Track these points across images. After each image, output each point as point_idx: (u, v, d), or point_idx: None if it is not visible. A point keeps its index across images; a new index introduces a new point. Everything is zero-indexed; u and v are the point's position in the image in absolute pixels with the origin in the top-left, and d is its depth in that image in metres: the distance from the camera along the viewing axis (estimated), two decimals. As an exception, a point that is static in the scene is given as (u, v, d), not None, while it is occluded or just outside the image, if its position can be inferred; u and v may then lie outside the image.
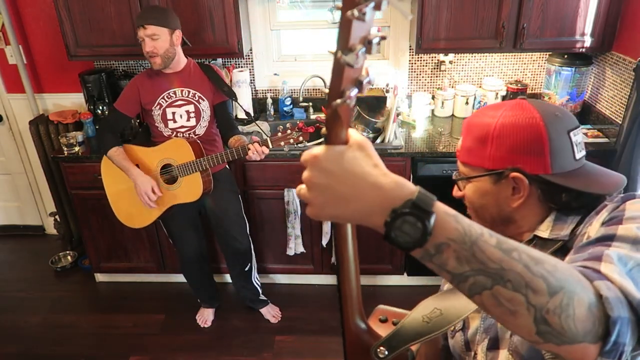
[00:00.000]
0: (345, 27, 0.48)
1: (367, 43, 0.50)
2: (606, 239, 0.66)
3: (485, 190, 0.86)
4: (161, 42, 2.12)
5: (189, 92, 2.28)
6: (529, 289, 0.51)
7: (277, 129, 2.06)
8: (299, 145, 2.06)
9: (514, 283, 0.51)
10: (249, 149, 2.06)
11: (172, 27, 2.15)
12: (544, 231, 0.84)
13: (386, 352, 0.70)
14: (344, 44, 0.48)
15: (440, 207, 0.53)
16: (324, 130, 0.55)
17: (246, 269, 2.58)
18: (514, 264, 0.52)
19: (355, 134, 0.57)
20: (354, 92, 0.52)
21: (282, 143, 2.03)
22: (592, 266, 0.59)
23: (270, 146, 2.05)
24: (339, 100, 0.51)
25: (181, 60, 2.27)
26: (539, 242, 0.85)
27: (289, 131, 2.03)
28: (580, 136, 0.84)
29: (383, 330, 0.76)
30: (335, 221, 0.58)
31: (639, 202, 0.73)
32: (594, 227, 0.73)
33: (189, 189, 2.25)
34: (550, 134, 0.80)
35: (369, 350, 0.71)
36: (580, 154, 0.83)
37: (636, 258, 0.62)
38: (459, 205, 0.95)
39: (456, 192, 0.93)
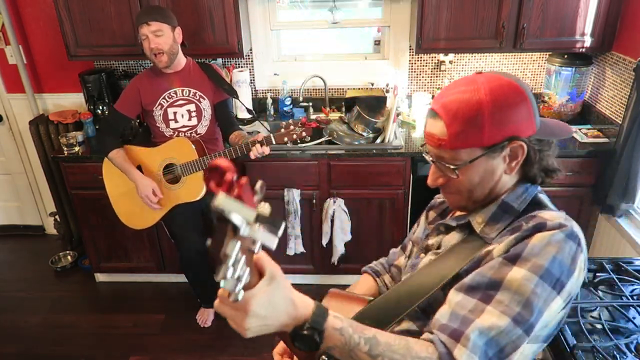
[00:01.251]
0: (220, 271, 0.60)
1: (252, 244, 0.64)
2: (493, 286, 0.76)
3: (483, 168, 0.85)
4: (165, 38, 2.13)
5: (189, 91, 2.28)
6: None
7: (280, 125, 2.06)
8: (302, 142, 2.06)
9: None
10: (251, 150, 2.06)
11: (173, 24, 2.18)
12: (478, 223, 0.90)
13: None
14: (221, 275, 0.60)
15: (330, 323, 0.74)
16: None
17: None
18: None
19: (268, 263, 0.71)
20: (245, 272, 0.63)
21: (286, 139, 2.04)
22: (450, 347, 0.74)
23: (274, 142, 2.05)
24: (231, 299, 0.64)
25: (181, 60, 2.28)
26: (468, 234, 0.92)
27: (292, 127, 2.03)
28: None
29: None
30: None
31: (545, 237, 0.76)
32: (499, 248, 0.81)
33: (192, 188, 2.25)
34: (529, 96, 0.83)
35: None
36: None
37: (499, 326, 0.73)
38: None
39: (436, 182, 0.92)
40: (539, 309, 0.74)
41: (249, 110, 2.57)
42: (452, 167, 0.86)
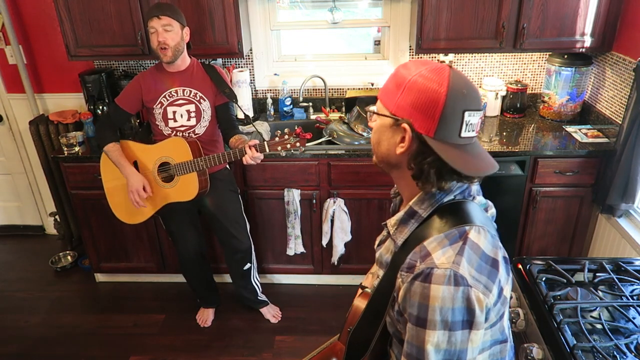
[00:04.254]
0: None
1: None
2: (421, 354, 0.85)
3: (385, 129, 0.96)
4: (173, 34, 2.15)
5: (190, 91, 2.28)
6: None
7: (275, 134, 2.05)
8: (296, 151, 2.06)
9: None
10: (245, 153, 2.06)
11: (183, 23, 2.20)
12: (392, 225, 1.01)
13: None
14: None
15: None
16: None
17: (244, 268, 2.58)
18: None
19: None
20: None
21: (279, 148, 2.04)
22: None
23: (267, 150, 2.06)
24: None
25: (185, 60, 2.28)
26: (388, 236, 1.03)
27: (286, 136, 2.03)
28: (476, 119, 0.90)
29: None
30: None
31: (438, 297, 0.83)
32: (401, 294, 0.89)
33: (185, 188, 2.26)
34: (446, 106, 0.87)
35: None
36: (467, 133, 0.89)
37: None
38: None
39: (369, 123, 1.04)
40: (463, 348, 0.85)
41: (246, 117, 2.57)
42: (368, 111, 1.02)
